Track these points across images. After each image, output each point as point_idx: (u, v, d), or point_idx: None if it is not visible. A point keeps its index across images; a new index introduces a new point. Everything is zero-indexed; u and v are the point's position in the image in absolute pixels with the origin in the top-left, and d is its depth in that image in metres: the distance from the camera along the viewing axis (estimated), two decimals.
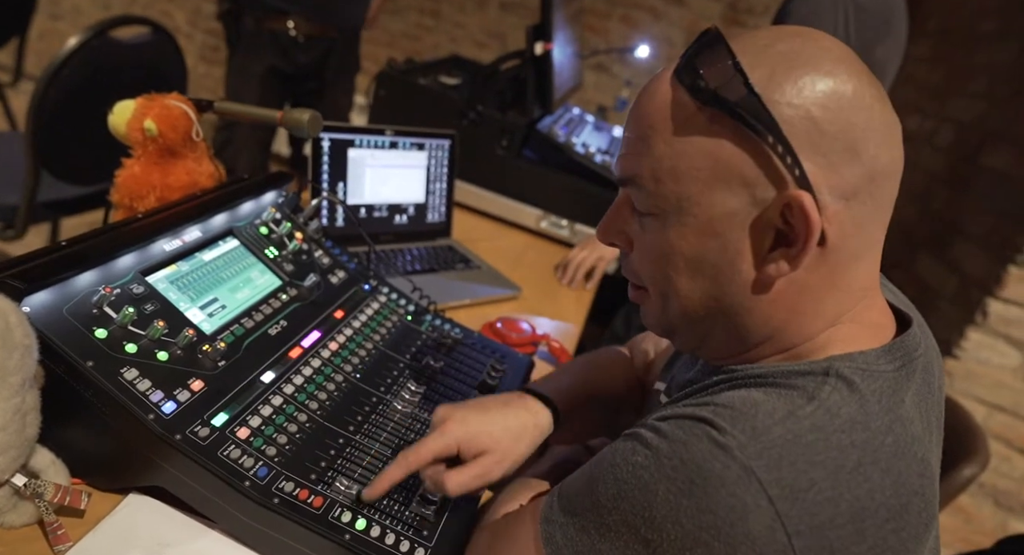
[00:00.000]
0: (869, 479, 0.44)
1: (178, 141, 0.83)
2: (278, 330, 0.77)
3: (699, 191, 0.48)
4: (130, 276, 0.69)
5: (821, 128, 0.45)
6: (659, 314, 0.55)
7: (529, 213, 1.60)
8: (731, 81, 0.46)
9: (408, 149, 1.29)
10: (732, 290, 0.50)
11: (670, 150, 0.48)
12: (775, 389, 0.47)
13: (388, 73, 1.58)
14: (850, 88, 0.45)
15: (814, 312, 0.50)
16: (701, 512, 0.43)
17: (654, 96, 0.50)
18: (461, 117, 1.53)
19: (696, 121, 0.47)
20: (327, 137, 1.16)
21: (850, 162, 0.46)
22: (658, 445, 0.46)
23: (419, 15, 3.28)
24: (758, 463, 0.43)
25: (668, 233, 0.50)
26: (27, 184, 1.61)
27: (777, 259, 0.48)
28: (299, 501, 0.61)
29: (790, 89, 0.45)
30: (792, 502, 0.42)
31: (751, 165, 0.46)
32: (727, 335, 0.53)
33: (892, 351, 0.50)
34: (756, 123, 0.45)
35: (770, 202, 0.46)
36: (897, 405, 0.48)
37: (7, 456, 0.55)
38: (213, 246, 0.80)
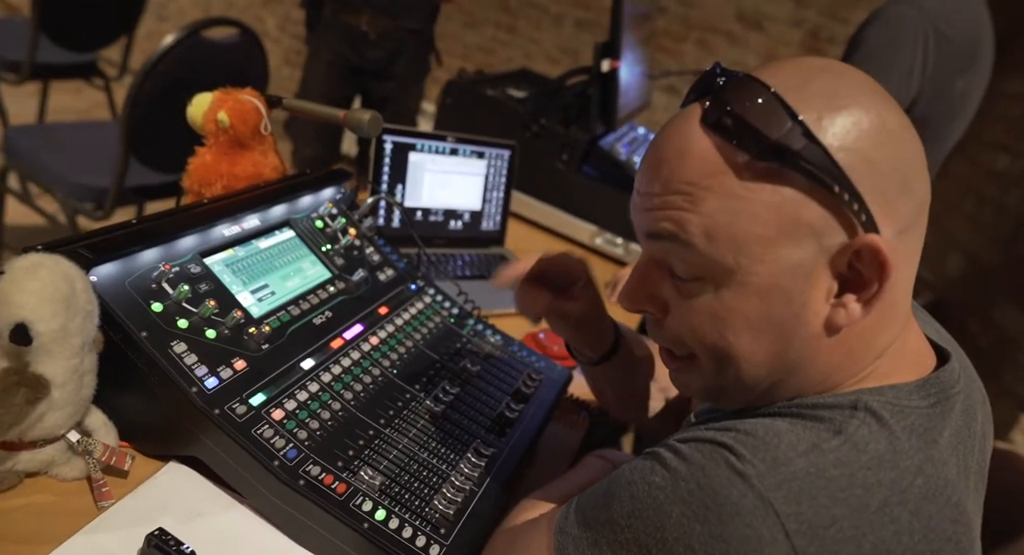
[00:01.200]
0: (896, 521, 0.42)
1: (247, 134, 0.88)
2: (322, 320, 0.80)
3: (763, 249, 0.45)
4: (189, 256, 0.73)
5: (879, 169, 0.44)
6: (713, 379, 0.51)
7: (584, 228, 1.59)
8: (788, 132, 0.43)
9: (468, 156, 1.31)
10: (797, 343, 0.47)
11: (725, 206, 0.45)
12: (800, 420, 0.46)
13: (456, 82, 1.62)
14: (894, 122, 0.45)
15: (867, 350, 0.48)
16: (714, 539, 0.42)
17: (688, 152, 0.46)
18: (524, 129, 1.55)
19: (754, 173, 0.44)
20: (389, 139, 1.20)
21: (904, 197, 0.45)
22: (676, 467, 0.45)
23: (495, 29, 3.34)
24: (776, 495, 0.41)
25: (723, 295, 0.47)
26: (117, 169, 1.72)
27: (846, 304, 0.46)
28: (323, 485, 0.63)
29: (841, 133, 0.43)
30: (810, 539, 0.41)
31: (819, 215, 0.44)
32: (780, 384, 0.50)
33: (927, 386, 0.48)
34: (820, 173, 0.43)
35: (837, 249, 0.45)
36: (930, 445, 0.45)
37: (64, 412, 0.59)
38: (269, 235, 0.84)
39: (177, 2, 4.01)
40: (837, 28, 2.74)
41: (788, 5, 2.79)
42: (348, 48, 2.04)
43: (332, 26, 2.04)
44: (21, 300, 0.52)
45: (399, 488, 0.66)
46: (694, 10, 2.87)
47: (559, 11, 3.19)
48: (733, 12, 2.85)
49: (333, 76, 2.05)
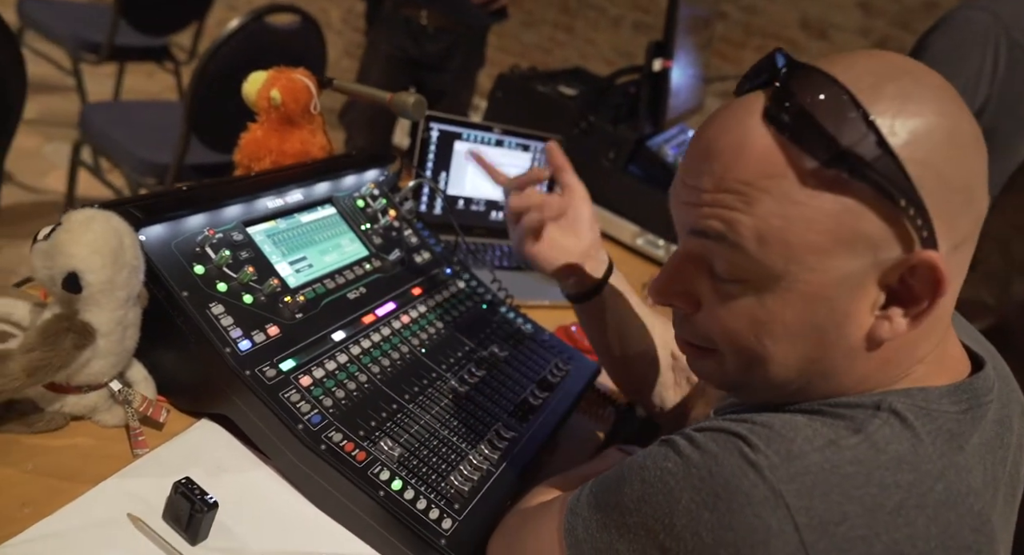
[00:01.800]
0: (911, 524, 0.41)
1: (298, 112, 0.91)
2: (356, 295, 0.82)
3: (817, 258, 0.42)
4: (233, 224, 0.76)
5: (949, 184, 0.42)
6: (736, 376, 0.50)
7: (626, 228, 1.59)
8: (864, 138, 0.41)
9: (513, 149, 1.32)
10: (834, 354, 0.45)
11: (782, 211, 0.42)
12: (820, 417, 0.45)
13: (508, 76, 1.63)
14: (967, 133, 0.42)
15: (906, 360, 0.47)
16: (722, 528, 0.41)
17: (746, 147, 0.43)
18: (572, 126, 1.55)
19: (819, 180, 0.41)
20: (436, 127, 1.22)
21: (966, 212, 0.43)
22: (689, 454, 0.45)
23: (552, 29, 3.35)
24: (788, 487, 0.41)
25: (765, 299, 0.44)
26: (179, 146, 1.80)
27: (892, 318, 0.44)
28: (344, 452, 0.65)
29: (914, 142, 0.41)
30: (820, 534, 0.40)
31: (879, 227, 0.42)
32: (811, 391, 0.48)
33: (958, 392, 0.46)
34: (891, 187, 0.41)
35: (891, 263, 0.42)
36: (955, 450, 0.44)
37: (107, 361, 0.63)
38: (312, 210, 0.86)
39: None
40: (907, 39, 2.64)
41: (856, 13, 2.71)
42: (406, 41, 2.08)
43: (392, 19, 2.09)
44: (74, 250, 0.56)
45: (417, 461, 0.68)
46: (756, 16, 2.82)
47: (618, 13, 3.18)
48: (797, 19, 2.79)
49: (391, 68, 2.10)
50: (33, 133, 2.77)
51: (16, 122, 1.47)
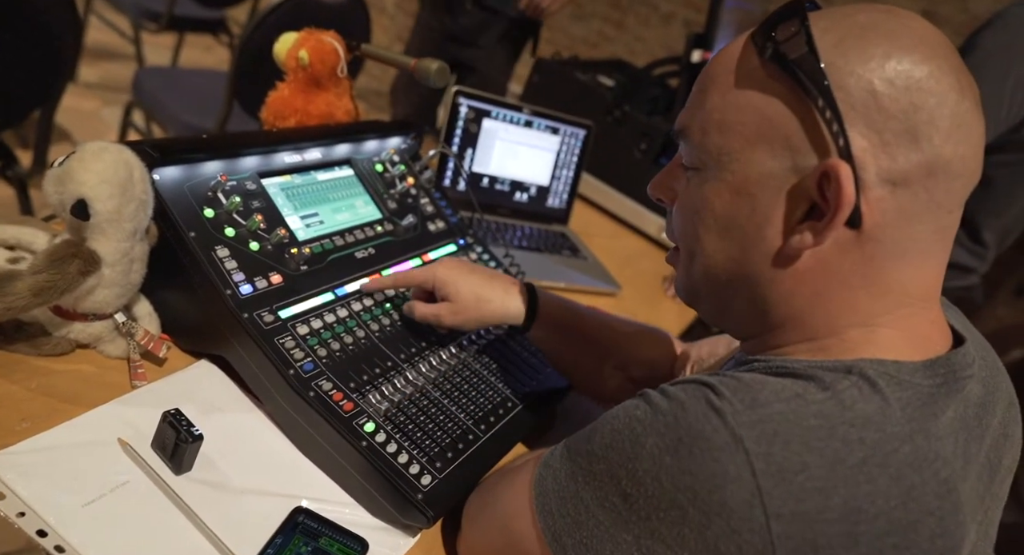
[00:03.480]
0: (872, 481, 0.40)
1: (325, 73, 0.92)
2: (364, 255, 0.83)
3: (740, 147, 0.47)
4: (248, 174, 0.77)
5: (881, 103, 0.42)
6: (685, 275, 0.54)
7: (653, 221, 1.57)
8: (794, 38, 0.44)
9: (542, 130, 1.32)
10: (755, 258, 0.48)
11: (722, 102, 0.48)
12: (791, 377, 0.44)
13: (547, 61, 1.63)
14: (925, 70, 0.42)
15: (842, 303, 0.46)
16: (682, 473, 0.41)
17: (725, 51, 0.50)
18: (606, 114, 1.54)
19: (754, 76, 0.47)
20: (465, 103, 1.22)
21: (907, 147, 0.42)
22: (658, 402, 0.45)
23: (602, 23, 3.33)
24: (749, 433, 0.41)
25: (704, 188, 0.49)
26: (221, 113, 1.84)
27: (803, 230, 0.45)
28: (332, 400, 0.65)
29: (855, 57, 0.43)
30: (777, 481, 0.40)
31: (797, 127, 0.44)
32: (748, 306, 0.50)
33: (933, 367, 0.45)
34: (808, 82, 0.43)
35: (809, 170, 0.44)
36: (926, 419, 0.43)
37: (112, 292, 0.65)
38: (329, 169, 0.87)
39: None
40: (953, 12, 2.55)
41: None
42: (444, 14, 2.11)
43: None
44: (84, 177, 0.58)
45: (404, 418, 0.68)
46: None
47: (669, 10, 3.14)
48: None
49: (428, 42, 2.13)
50: (93, 96, 2.88)
51: (66, 81, 1.53)
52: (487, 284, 0.77)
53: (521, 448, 0.78)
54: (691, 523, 0.41)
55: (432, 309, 0.76)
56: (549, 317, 0.79)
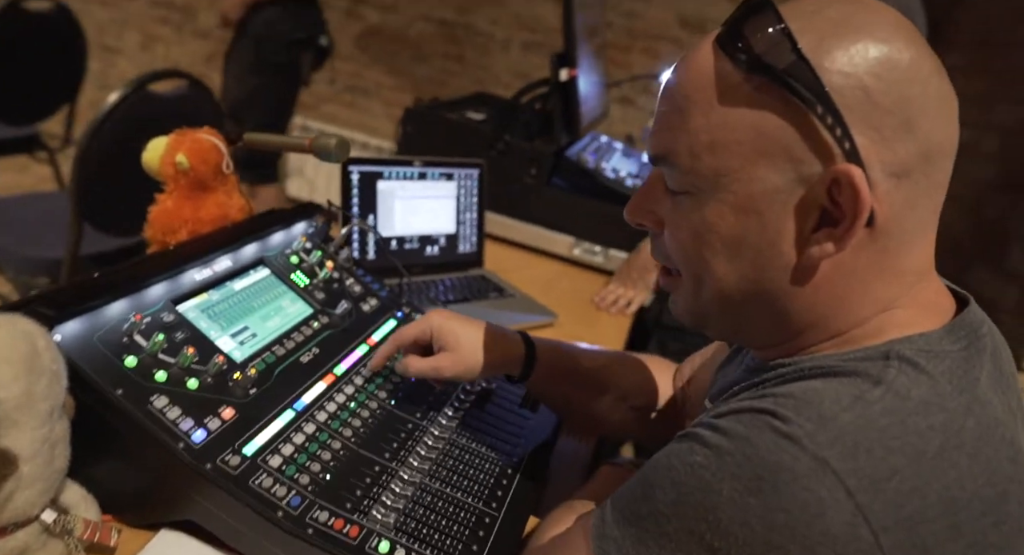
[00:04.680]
0: (956, 466, 0.39)
1: (209, 174, 0.84)
2: (310, 358, 0.75)
3: (740, 166, 0.45)
4: (161, 304, 0.68)
5: (874, 100, 0.42)
6: (692, 300, 0.52)
7: (561, 241, 1.57)
8: (778, 46, 0.42)
9: (437, 179, 1.29)
10: (772, 274, 0.46)
11: (709, 123, 0.45)
12: (834, 377, 0.43)
13: (415, 110, 1.60)
14: (907, 57, 0.42)
15: (862, 298, 0.46)
16: (772, 511, 0.39)
17: (692, 66, 0.47)
18: (488, 148, 1.53)
19: (739, 91, 0.44)
20: (355, 170, 1.17)
21: (904, 137, 0.42)
22: (718, 442, 0.42)
23: (443, 60, 3.36)
24: (831, 453, 0.39)
25: (704, 212, 0.47)
26: (70, 236, 1.65)
27: (821, 240, 0.44)
28: (334, 531, 0.58)
29: (841, 56, 0.42)
30: (874, 494, 0.38)
31: (797, 138, 0.43)
32: (767, 322, 0.49)
33: (955, 330, 0.46)
34: (805, 91, 0.42)
35: (816, 178, 0.43)
36: (972, 385, 0.43)
37: (35, 489, 0.54)
38: (244, 275, 0.79)
39: (118, 68, 3.96)
40: None
41: (724, 5, 2.85)
42: None
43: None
44: None
45: (415, 523, 0.62)
46: (637, 20, 2.92)
47: (505, 36, 3.22)
48: (675, 18, 2.91)
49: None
50: None
51: None
52: (485, 332, 0.74)
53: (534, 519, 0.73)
54: None
55: (431, 362, 0.73)
56: (546, 360, 0.77)
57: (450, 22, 3.30)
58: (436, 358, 0.73)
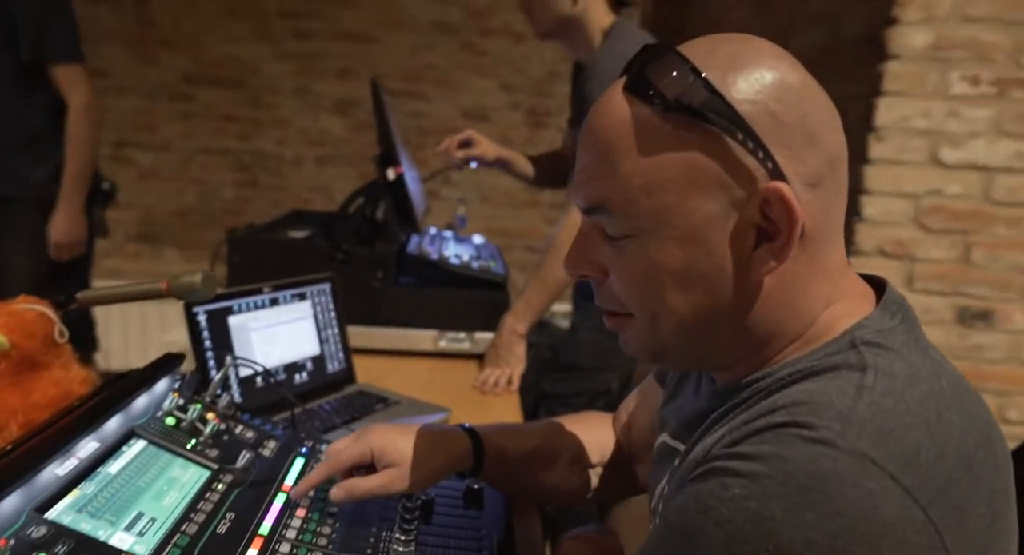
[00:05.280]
0: (955, 425, 0.43)
1: (38, 349, 0.71)
2: (227, 526, 0.64)
3: (677, 201, 0.47)
4: (23, 518, 0.54)
5: (781, 120, 0.46)
6: (648, 336, 0.53)
7: (424, 337, 1.54)
8: (690, 85, 0.46)
9: (290, 302, 1.20)
10: (724, 296, 0.49)
11: (638, 167, 0.47)
12: (821, 375, 0.46)
13: (235, 238, 1.51)
14: (796, 80, 0.48)
15: (807, 300, 0.50)
16: (830, 519, 0.39)
17: (608, 116, 0.49)
18: (328, 261, 1.48)
19: (661, 132, 0.47)
20: (201, 310, 1.05)
21: (811, 150, 0.47)
22: (751, 469, 0.42)
23: (235, 188, 3.23)
24: (864, 445, 0.40)
25: (649, 251, 0.49)
26: None
27: (763, 256, 0.47)
28: None
29: (745, 86, 0.46)
30: (912, 472, 0.40)
31: (724, 165, 0.46)
32: (729, 342, 0.51)
33: (887, 309, 0.51)
34: (723, 121, 0.45)
35: (747, 200, 0.46)
36: (924, 351, 0.48)
37: None
38: (117, 455, 0.66)
39: None
40: (550, 103, 3.12)
41: (502, 95, 3.12)
42: None
43: None
44: None
45: None
46: (424, 118, 3.07)
47: (295, 154, 3.19)
48: (458, 111, 3.10)
49: None
50: None
51: None
52: (427, 437, 0.71)
53: None
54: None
55: (376, 481, 0.69)
56: (494, 446, 0.74)
57: (234, 150, 3.21)
58: (382, 475, 0.69)
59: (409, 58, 3.08)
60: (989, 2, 1.61)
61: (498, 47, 3.11)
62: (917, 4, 1.61)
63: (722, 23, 2.58)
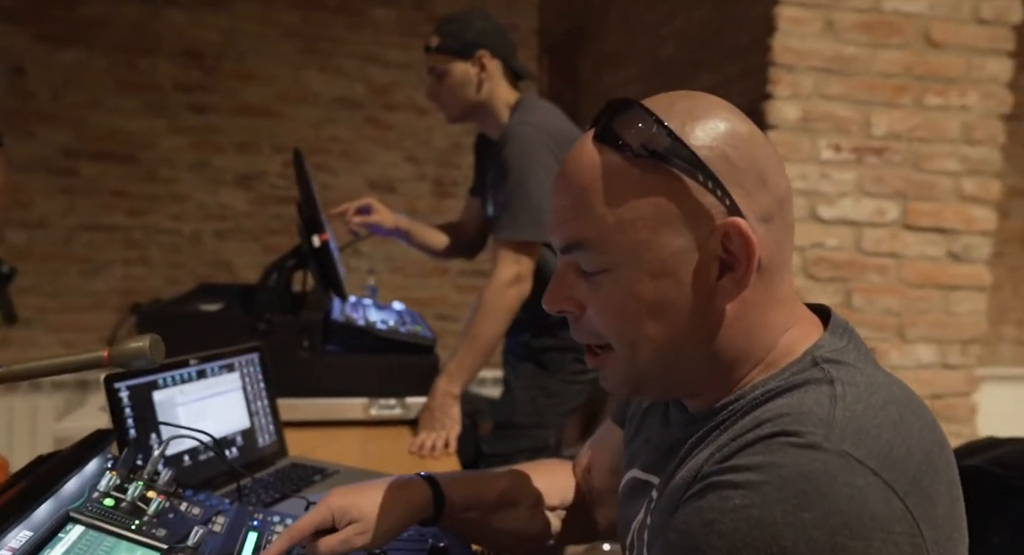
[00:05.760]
0: (913, 424, 0.49)
1: None
2: None
3: (648, 238, 0.52)
4: None
5: (735, 164, 0.52)
6: (627, 367, 0.56)
7: (355, 405, 1.50)
8: (655, 134, 0.52)
9: (218, 374, 1.14)
10: (694, 323, 0.53)
11: (611, 207, 0.52)
12: (792, 391, 0.50)
13: (147, 311, 1.42)
14: (746, 130, 0.54)
15: (765, 326, 0.55)
16: (827, 516, 0.42)
17: (581, 162, 0.54)
18: (250, 333, 1.42)
19: (630, 176, 0.52)
20: (123, 385, 0.98)
21: (762, 190, 0.53)
22: (748, 479, 0.45)
23: (124, 266, 3.04)
24: (847, 445, 0.45)
25: (624, 284, 0.53)
26: None
27: (727, 285, 0.52)
28: None
29: (702, 134, 0.52)
30: (889, 467, 0.45)
31: (687, 203, 0.51)
32: (701, 367, 0.55)
33: (835, 331, 0.57)
34: (686, 165, 0.51)
35: (709, 234, 0.52)
36: (874, 364, 0.55)
37: None
38: (53, 543, 0.60)
39: None
40: (454, 173, 3.21)
41: (407, 167, 3.18)
42: None
43: None
44: None
45: None
46: (332, 191, 3.06)
47: (193, 229, 3.07)
48: (365, 183, 3.12)
49: None
50: None
51: None
52: (387, 492, 0.71)
53: None
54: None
55: (339, 537, 0.68)
56: (455, 494, 0.74)
57: (123, 226, 3.04)
58: (343, 532, 0.69)
59: (313, 131, 3.10)
60: (839, 82, 1.86)
61: (402, 121, 3.19)
62: (785, 82, 1.83)
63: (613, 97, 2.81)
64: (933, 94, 1.90)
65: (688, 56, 2.25)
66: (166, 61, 2.99)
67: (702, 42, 2.17)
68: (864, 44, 1.84)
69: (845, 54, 1.83)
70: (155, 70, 2.99)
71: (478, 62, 1.51)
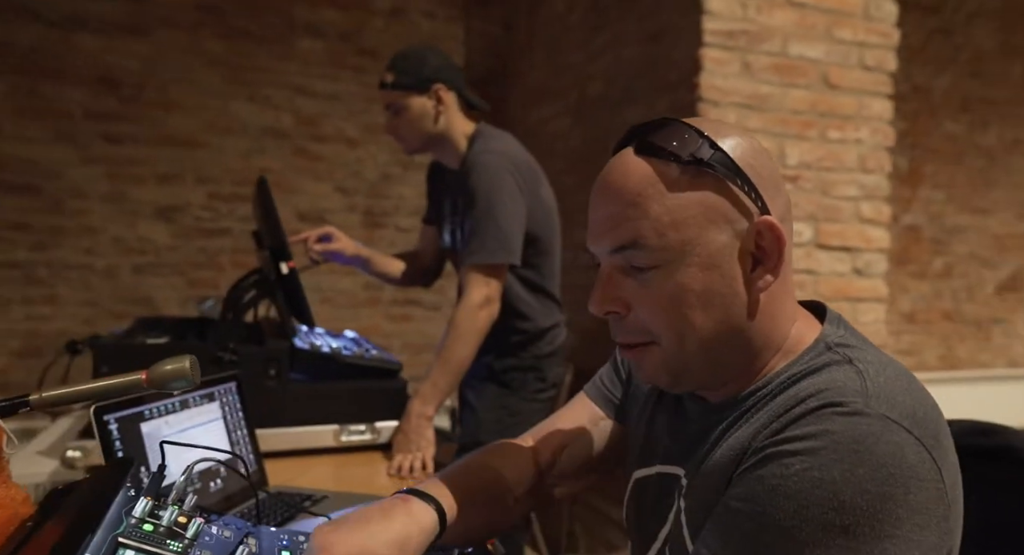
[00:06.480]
0: (920, 391, 0.58)
1: None
2: None
3: (697, 234, 0.60)
4: None
5: (758, 172, 0.62)
6: (672, 358, 0.62)
7: (326, 433, 1.48)
8: (701, 146, 0.60)
9: (200, 403, 1.11)
10: (735, 311, 0.61)
11: (665, 208, 0.60)
12: (816, 373, 0.59)
13: (105, 345, 1.35)
14: (759, 146, 0.64)
15: (783, 316, 0.64)
16: (877, 470, 0.50)
17: (629, 173, 0.61)
18: (216, 363, 1.38)
19: (681, 180, 0.60)
20: (111, 417, 0.94)
21: (777, 195, 0.63)
22: (805, 446, 0.52)
23: (26, 306, 2.82)
24: (884, 409, 0.53)
25: (676, 277, 0.60)
26: None
27: (760, 276, 0.61)
28: None
29: (730, 147, 0.61)
30: (918, 425, 0.53)
31: (729, 204, 0.60)
32: (738, 354, 0.63)
33: (832, 322, 0.66)
34: (727, 171, 0.60)
35: (746, 231, 0.60)
36: (873, 345, 0.64)
37: None
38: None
39: None
40: (384, 203, 3.22)
41: (338, 198, 3.17)
42: None
43: None
44: None
45: None
46: None
47: (108, 264, 2.90)
48: (295, 214, 3.07)
49: None
50: None
51: None
52: (390, 523, 0.66)
53: None
54: (899, 502, 0.50)
55: None
56: (454, 503, 0.73)
57: (24, 262, 2.82)
58: None
59: (241, 162, 3.03)
60: (758, 117, 2.06)
61: (331, 152, 3.18)
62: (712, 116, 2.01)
63: (539, 133, 2.93)
64: (834, 129, 2.14)
65: (617, 93, 2.41)
66: (76, 88, 2.84)
67: (630, 79, 2.33)
68: (776, 84, 2.06)
69: (761, 92, 2.04)
70: (61, 97, 2.84)
71: (435, 95, 1.57)
